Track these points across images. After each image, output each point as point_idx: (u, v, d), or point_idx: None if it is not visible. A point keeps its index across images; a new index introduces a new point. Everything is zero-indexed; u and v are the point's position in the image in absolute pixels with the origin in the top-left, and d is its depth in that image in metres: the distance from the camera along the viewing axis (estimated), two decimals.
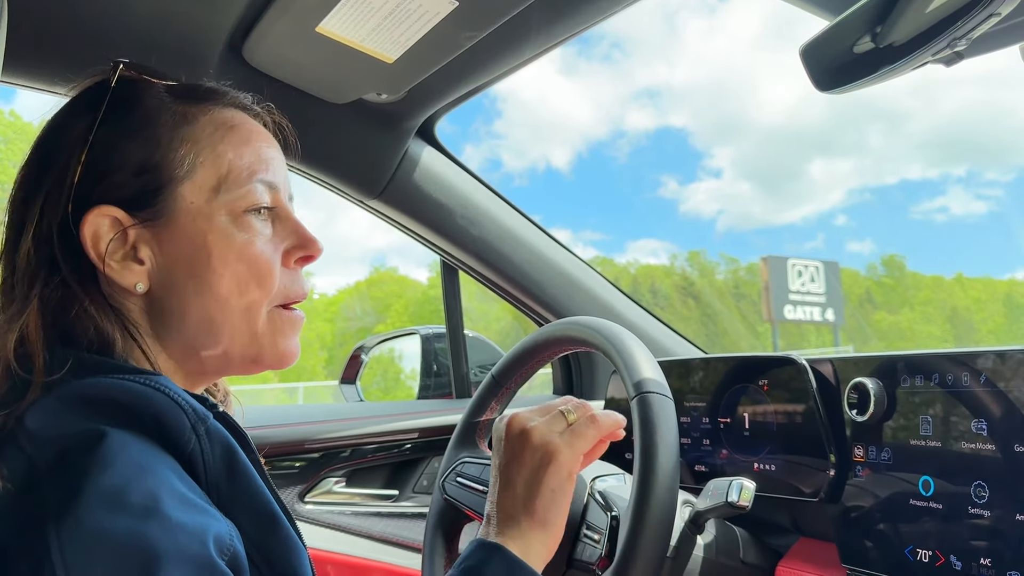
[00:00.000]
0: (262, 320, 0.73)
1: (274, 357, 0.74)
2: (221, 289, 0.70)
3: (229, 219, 0.71)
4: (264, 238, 0.73)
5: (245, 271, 0.71)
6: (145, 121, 0.72)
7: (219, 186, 0.71)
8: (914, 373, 0.97)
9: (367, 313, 35.16)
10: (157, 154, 0.70)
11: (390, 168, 1.49)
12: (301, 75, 1.27)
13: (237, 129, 0.74)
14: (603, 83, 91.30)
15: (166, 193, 0.70)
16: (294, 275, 0.76)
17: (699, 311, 37.66)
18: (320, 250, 0.77)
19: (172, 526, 0.52)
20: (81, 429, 0.56)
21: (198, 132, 0.72)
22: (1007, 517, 0.84)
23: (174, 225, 0.70)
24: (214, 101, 0.76)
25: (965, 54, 0.77)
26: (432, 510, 1.28)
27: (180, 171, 0.70)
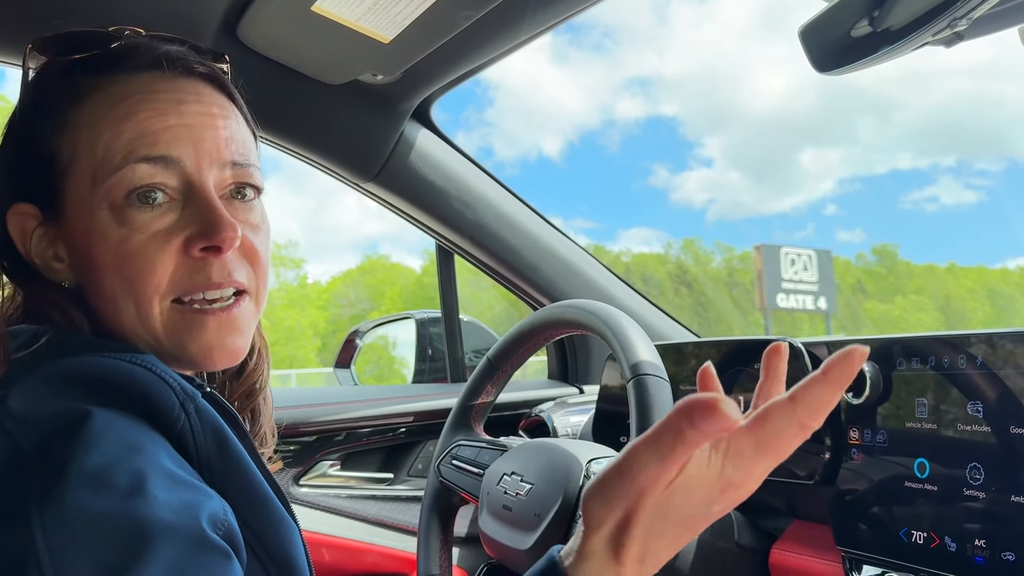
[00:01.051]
0: (157, 319, 0.65)
1: (186, 358, 0.67)
2: (105, 289, 0.65)
3: (109, 213, 0.64)
4: (148, 230, 0.64)
5: (122, 270, 0.64)
6: (40, 107, 0.67)
7: (95, 175, 0.64)
8: (910, 356, 0.97)
9: (360, 300, 35.13)
10: (46, 145, 0.66)
11: (386, 150, 1.48)
12: (296, 55, 1.26)
13: (123, 103, 0.65)
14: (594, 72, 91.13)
15: (58, 189, 0.66)
16: (197, 265, 0.65)
17: (692, 299, 37.75)
18: (226, 240, 0.64)
19: (160, 504, 0.50)
20: (66, 408, 0.55)
21: (82, 115, 0.65)
22: (1002, 499, 0.84)
23: (70, 222, 0.66)
24: (119, 68, 0.67)
25: (965, 35, 0.77)
26: (427, 493, 1.29)
27: (63, 163, 0.65)
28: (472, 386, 1.29)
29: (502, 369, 1.27)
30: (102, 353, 0.60)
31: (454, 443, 1.27)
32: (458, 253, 1.71)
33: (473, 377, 1.29)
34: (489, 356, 1.28)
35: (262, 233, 0.71)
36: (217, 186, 0.67)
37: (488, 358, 1.28)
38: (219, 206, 0.65)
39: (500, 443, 1.21)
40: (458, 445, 1.26)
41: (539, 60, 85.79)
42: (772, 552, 1.13)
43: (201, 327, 0.66)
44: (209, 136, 0.67)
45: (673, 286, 38.17)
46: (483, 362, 1.28)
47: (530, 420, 1.66)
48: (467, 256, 1.70)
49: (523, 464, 1.11)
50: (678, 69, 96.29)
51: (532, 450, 1.13)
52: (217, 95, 0.70)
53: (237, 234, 0.65)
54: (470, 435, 1.28)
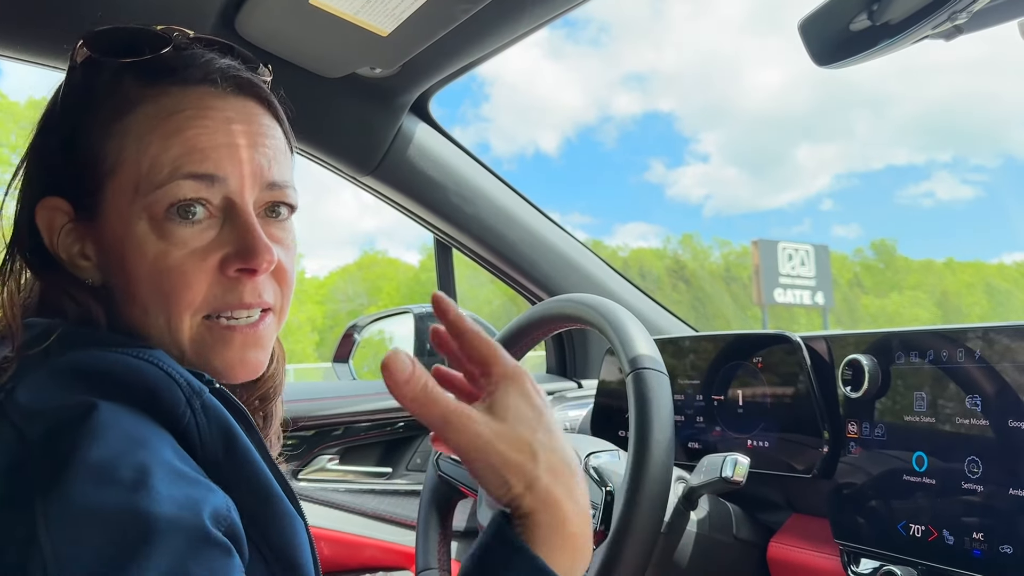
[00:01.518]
0: (186, 333, 0.66)
1: (208, 370, 0.66)
2: (138, 298, 0.65)
3: (148, 224, 0.64)
4: (186, 247, 0.64)
5: (158, 284, 0.64)
6: (89, 108, 0.67)
7: (138, 185, 0.64)
8: (908, 350, 0.97)
9: (358, 295, 35.12)
10: (92, 147, 0.66)
11: (384, 144, 1.48)
12: (294, 48, 1.26)
13: (174, 117, 0.65)
14: (591, 67, 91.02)
15: (98, 191, 0.66)
16: (231, 284, 0.66)
17: (690, 294, 37.78)
18: (262, 264, 0.65)
19: (163, 499, 0.50)
20: (72, 401, 0.55)
21: (132, 122, 0.65)
22: (1000, 492, 0.85)
23: (104, 225, 0.66)
24: (172, 79, 0.67)
25: (965, 28, 0.77)
26: (426, 487, 1.29)
27: (106, 167, 0.65)
28: None
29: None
30: (111, 348, 0.60)
31: None
32: (456, 247, 1.71)
33: None
34: None
35: (292, 252, 0.72)
36: (255, 204, 0.68)
37: None
38: (258, 229, 0.66)
39: None
40: None
41: (535, 55, 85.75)
42: (770, 546, 1.13)
43: (227, 343, 0.67)
44: (255, 157, 0.67)
45: (671, 281, 38.21)
46: None
47: None
48: (465, 250, 1.69)
49: None
50: (674, 64, 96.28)
51: None
52: (264, 114, 0.71)
53: (273, 258, 0.66)
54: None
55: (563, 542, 0.57)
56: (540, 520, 0.57)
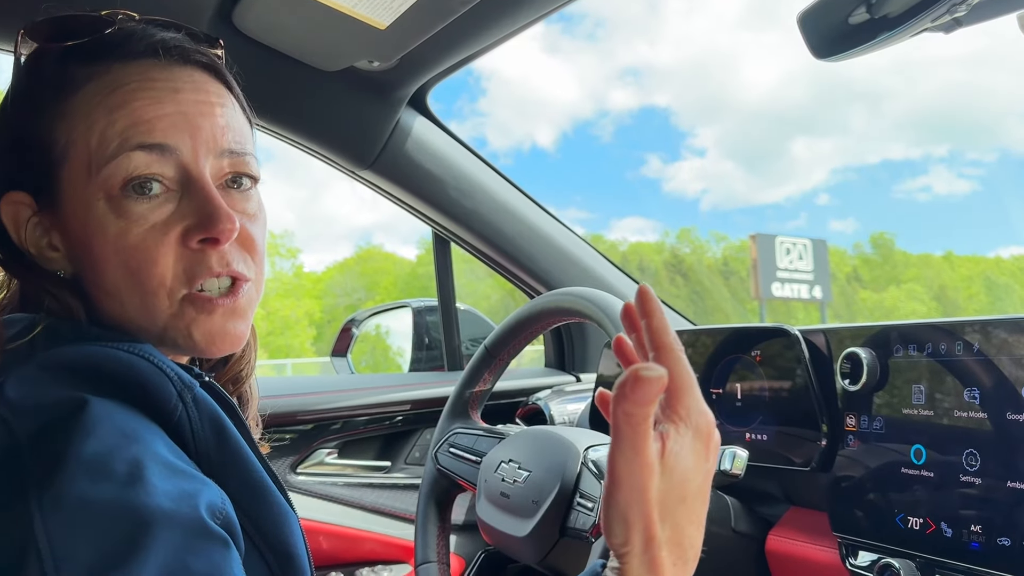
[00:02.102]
0: (164, 313, 0.64)
1: (190, 346, 0.66)
2: (108, 282, 0.64)
3: (106, 204, 0.63)
4: (146, 222, 0.63)
5: (123, 263, 0.63)
6: (33, 96, 0.66)
7: (90, 164, 0.63)
8: (907, 343, 0.97)
9: (355, 289, 35.11)
10: (40, 134, 0.65)
11: (382, 138, 1.47)
12: (292, 42, 1.25)
13: (117, 91, 0.63)
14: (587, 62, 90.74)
15: (53, 178, 0.65)
16: (196, 256, 0.64)
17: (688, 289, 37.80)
18: (224, 231, 0.63)
19: (159, 492, 0.50)
20: (63, 397, 0.54)
21: (77, 102, 0.64)
22: (998, 485, 0.85)
23: (65, 212, 0.65)
24: (113, 56, 0.65)
25: (964, 21, 0.77)
26: (425, 480, 1.29)
27: (57, 153, 0.64)
28: (469, 374, 1.29)
29: (499, 357, 1.27)
30: (99, 342, 0.60)
31: (451, 431, 1.27)
32: (455, 241, 1.71)
33: (470, 365, 1.29)
34: (486, 344, 1.28)
35: (259, 222, 0.70)
36: (214, 175, 0.66)
37: (485, 346, 1.28)
38: (217, 197, 0.64)
39: (497, 431, 1.22)
40: (455, 433, 1.26)
41: (532, 50, 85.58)
42: (768, 538, 1.13)
43: (208, 314, 0.65)
44: (206, 124, 0.65)
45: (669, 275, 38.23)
46: (480, 350, 1.28)
47: (527, 408, 1.66)
48: (464, 244, 1.69)
49: (520, 452, 1.11)
50: (670, 59, 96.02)
51: (529, 438, 1.13)
52: (213, 83, 0.69)
53: (235, 226, 0.64)
54: (467, 423, 1.28)
55: None
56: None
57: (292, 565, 0.61)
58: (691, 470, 0.56)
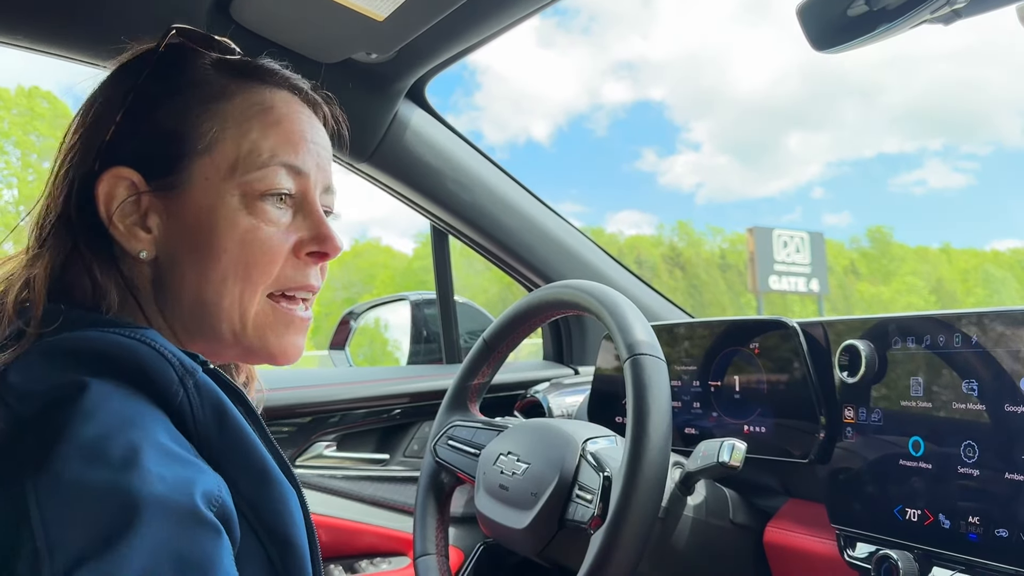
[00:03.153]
0: (255, 309, 0.71)
1: (265, 352, 0.73)
2: (217, 270, 0.69)
3: (241, 201, 0.70)
4: (275, 226, 0.71)
5: (244, 255, 0.69)
6: (182, 90, 0.71)
7: (236, 165, 0.70)
8: (905, 335, 0.97)
9: (353, 283, 35.08)
10: (183, 124, 0.70)
11: (380, 130, 1.47)
12: (289, 33, 1.25)
13: (272, 111, 0.73)
14: (582, 56, 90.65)
15: (183, 165, 0.69)
16: (301, 266, 0.74)
17: (685, 282, 37.81)
18: (336, 250, 0.74)
19: (154, 478, 0.51)
20: (64, 381, 0.55)
21: (230, 109, 0.71)
22: (996, 476, 0.85)
23: (185, 198, 0.69)
24: (261, 80, 0.74)
25: (963, 13, 0.77)
26: (424, 473, 1.29)
27: (201, 144, 0.70)
28: (468, 367, 1.29)
29: (498, 350, 1.27)
30: (102, 328, 0.61)
31: (450, 423, 1.27)
32: (453, 234, 1.71)
33: (469, 358, 1.29)
34: (485, 337, 1.28)
35: None
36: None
37: (484, 339, 1.28)
38: (327, 221, 0.75)
39: (496, 423, 1.22)
40: (454, 425, 1.26)
41: (527, 44, 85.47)
42: (767, 530, 1.14)
43: (286, 327, 0.73)
44: (325, 162, 0.76)
45: (667, 268, 38.23)
46: (479, 343, 1.28)
47: (526, 401, 1.67)
48: (462, 237, 1.69)
49: (519, 444, 1.11)
50: (664, 53, 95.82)
51: (528, 430, 1.13)
52: (323, 127, 0.79)
53: (340, 248, 0.75)
54: (466, 416, 1.28)
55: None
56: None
57: (291, 552, 0.62)
58: None
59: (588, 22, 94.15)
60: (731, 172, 71.22)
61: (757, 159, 72.06)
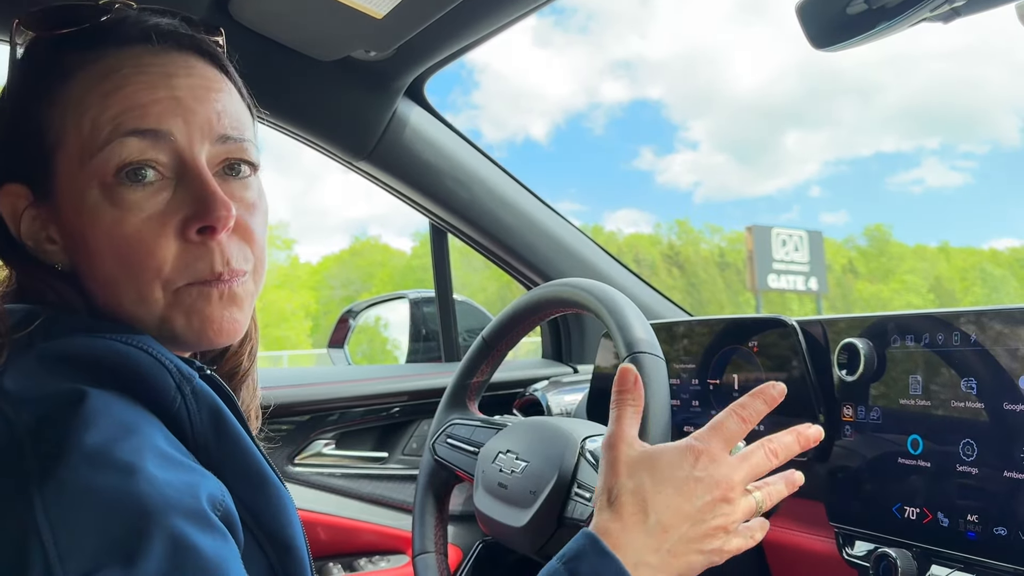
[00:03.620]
0: (160, 303, 0.63)
1: (188, 336, 0.65)
2: (102, 274, 0.63)
3: (100, 192, 0.61)
4: (142, 212, 0.61)
5: (119, 254, 0.62)
6: (30, 85, 0.65)
7: (83, 151, 0.62)
8: (904, 334, 0.97)
9: (352, 281, 35.10)
10: (37, 123, 0.64)
11: (379, 128, 1.47)
12: (288, 31, 1.25)
13: (110, 77, 0.62)
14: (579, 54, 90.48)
15: (46, 167, 0.63)
16: (198, 251, 0.63)
17: (684, 280, 37.85)
18: (220, 219, 0.62)
19: (159, 482, 0.50)
20: (62, 389, 0.54)
21: (70, 91, 0.63)
22: (995, 474, 0.85)
23: (59, 202, 0.64)
24: (103, 44, 0.64)
25: (962, 11, 0.77)
26: (423, 471, 1.29)
27: (51, 140, 0.63)
28: (467, 365, 1.28)
29: (497, 348, 1.27)
30: (98, 334, 0.60)
31: (449, 422, 1.27)
32: (452, 232, 1.71)
33: (468, 356, 1.29)
34: (484, 335, 1.28)
35: (259, 212, 0.69)
36: (210, 162, 0.65)
37: (483, 337, 1.28)
38: (212, 183, 0.63)
39: (495, 422, 1.22)
40: (453, 424, 1.26)
41: (524, 43, 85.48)
42: None
43: (205, 301, 0.64)
44: (200, 109, 0.64)
45: (666, 267, 38.27)
46: (478, 341, 1.28)
47: (524, 399, 1.67)
48: (461, 235, 1.69)
49: (518, 442, 1.11)
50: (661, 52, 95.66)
51: (527, 428, 1.13)
52: (209, 68, 0.68)
53: (232, 213, 0.63)
54: (465, 414, 1.28)
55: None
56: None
57: (291, 556, 0.61)
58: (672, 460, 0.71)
59: (586, 21, 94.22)
60: (729, 171, 71.32)
61: (755, 158, 72.17)
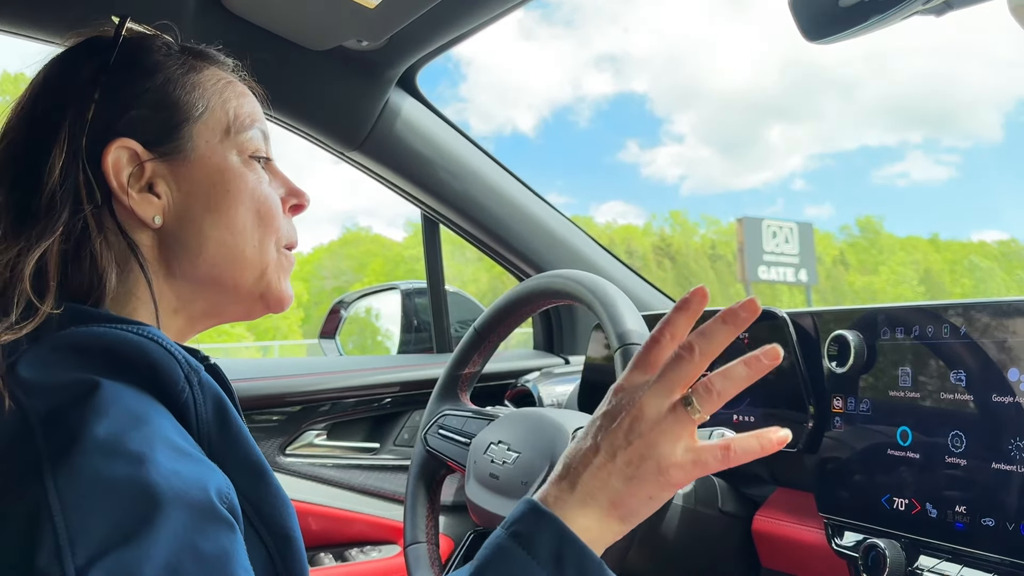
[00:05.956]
0: (272, 257, 0.77)
1: (278, 295, 0.78)
2: (238, 222, 0.74)
3: (240, 160, 0.76)
4: (267, 182, 0.78)
5: (257, 208, 0.76)
6: (158, 66, 0.75)
7: (229, 129, 0.76)
8: (894, 326, 0.98)
9: (343, 272, 35.02)
10: (174, 94, 0.74)
11: (371, 119, 1.46)
12: (280, 20, 1.24)
13: (235, 84, 0.79)
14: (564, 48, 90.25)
15: (183, 131, 0.74)
16: (288, 221, 0.81)
17: (675, 272, 37.91)
18: (309, 201, 0.83)
19: (169, 473, 0.52)
20: (75, 379, 0.56)
21: (205, 80, 0.77)
22: (983, 466, 0.86)
23: (190, 161, 0.73)
24: (210, 60, 0.80)
25: (954, 4, 0.77)
26: (414, 461, 1.29)
27: (195, 111, 0.75)
28: (459, 356, 1.29)
29: (489, 339, 1.27)
30: (109, 324, 0.62)
31: (441, 412, 1.27)
32: (444, 223, 1.70)
33: (460, 347, 1.29)
34: (476, 326, 1.28)
35: None
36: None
37: (475, 328, 1.28)
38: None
39: (487, 412, 1.22)
40: (445, 415, 1.26)
41: (511, 36, 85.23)
42: (755, 519, 1.14)
43: (286, 272, 0.80)
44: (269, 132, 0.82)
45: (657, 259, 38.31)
46: (470, 332, 1.28)
47: (516, 390, 1.67)
48: (453, 226, 1.69)
49: (510, 433, 1.11)
50: (646, 46, 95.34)
51: (519, 419, 1.13)
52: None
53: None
54: (457, 405, 1.28)
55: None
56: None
57: (290, 547, 0.63)
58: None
59: (571, 14, 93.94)
60: (714, 164, 71.34)
61: (739, 151, 72.17)
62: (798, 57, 78.28)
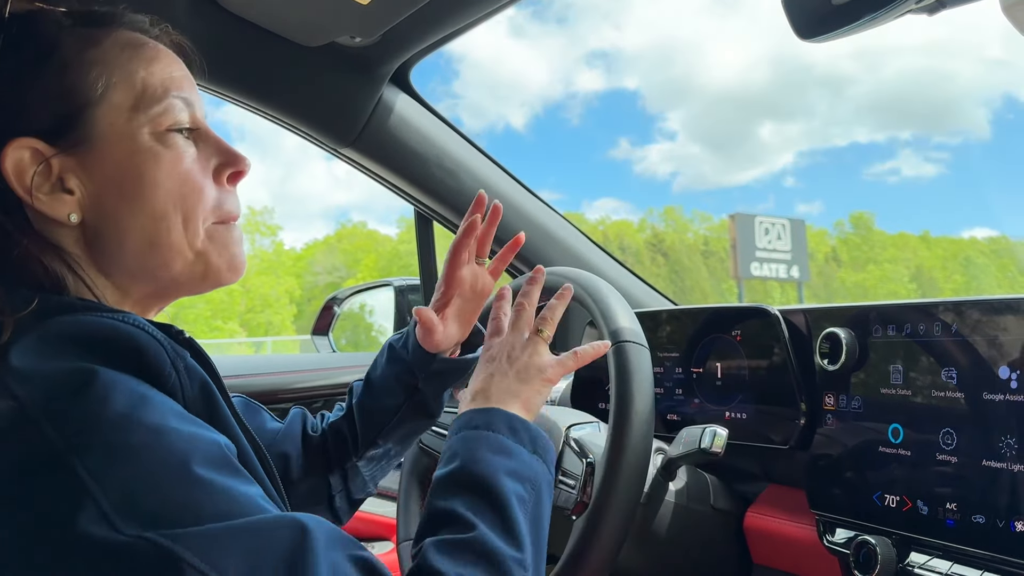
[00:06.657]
0: (201, 237, 0.72)
1: (220, 269, 0.74)
2: (157, 208, 0.69)
3: (152, 138, 0.70)
4: (190, 156, 0.72)
5: (176, 189, 0.70)
6: (49, 48, 0.69)
7: (136, 105, 0.69)
8: (886, 323, 0.98)
9: (336, 267, 34.96)
10: (67, 79, 0.68)
11: (364, 115, 1.46)
12: (273, 16, 1.24)
13: (144, 48, 0.72)
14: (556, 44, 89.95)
15: (84, 118, 0.68)
16: (227, 193, 0.75)
17: (668, 268, 37.97)
18: (247, 165, 0.76)
19: (189, 436, 0.56)
20: (70, 367, 0.56)
21: (105, 53, 0.70)
22: (973, 463, 0.86)
23: (98, 150, 0.68)
24: (114, 24, 0.73)
25: (947, 3, 0.77)
26: (407, 458, 1.29)
27: (94, 94, 0.68)
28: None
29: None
30: (95, 312, 0.62)
31: None
32: (437, 220, 1.70)
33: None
34: None
35: None
36: None
37: None
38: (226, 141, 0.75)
39: None
40: None
41: (503, 32, 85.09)
42: (747, 515, 1.15)
43: (234, 243, 0.75)
44: (195, 89, 0.76)
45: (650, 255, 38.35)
46: None
47: None
48: (446, 223, 1.69)
49: None
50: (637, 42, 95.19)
51: None
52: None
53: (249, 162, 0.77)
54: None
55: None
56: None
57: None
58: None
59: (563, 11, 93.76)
60: (705, 161, 71.28)
61: (731, 148, 72.14)
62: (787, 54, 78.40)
